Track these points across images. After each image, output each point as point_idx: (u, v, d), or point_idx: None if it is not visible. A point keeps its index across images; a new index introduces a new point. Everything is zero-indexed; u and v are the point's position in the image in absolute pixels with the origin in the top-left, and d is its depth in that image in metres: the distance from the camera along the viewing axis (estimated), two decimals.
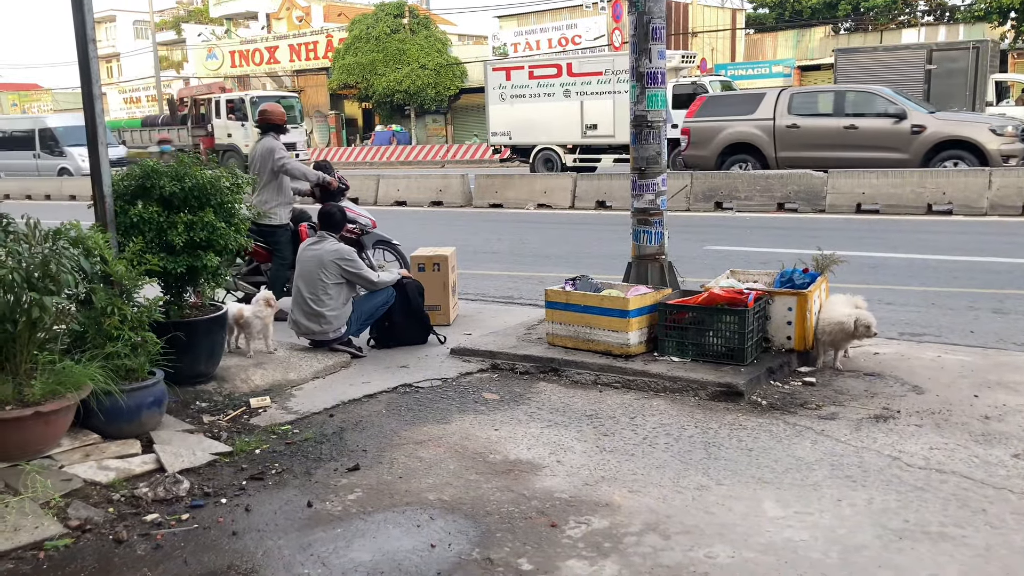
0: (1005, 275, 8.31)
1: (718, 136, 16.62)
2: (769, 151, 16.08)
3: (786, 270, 5.72)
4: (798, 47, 37.56)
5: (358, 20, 41.97)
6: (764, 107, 16.30)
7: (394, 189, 18.68)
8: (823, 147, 15.50)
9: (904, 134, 14.72)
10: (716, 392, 4.82)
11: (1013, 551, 3.01)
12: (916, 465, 3.77)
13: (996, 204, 12.56)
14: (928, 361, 5.38)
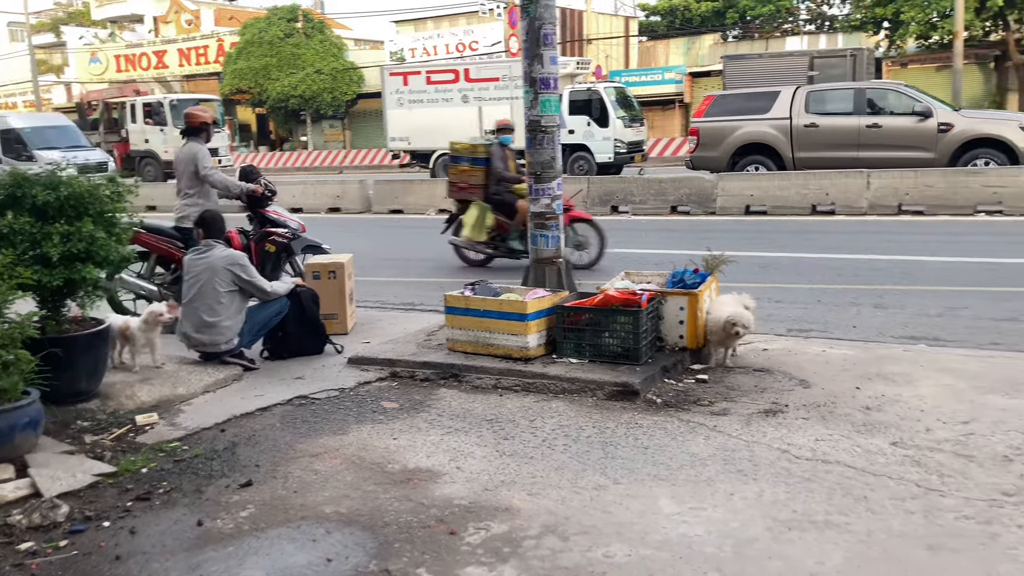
0: (884, 272, 8.72)
1: (730, 136, 15.89)
2: (786, 151, 15.51)
3: (678, 271, 5.85)
4: (689, 54, 38.60)
5: (250, 24, 40.99)
6: (780, 105, 15.64)
7: (289, 196, 18.27)
8: (845, 147, 14.96)
9: (930, 132, 14.28)
10: (613, 392, 4.89)
11: (892, 535, 3.14)
12: (803, 457, 3.91)
13: (875, 204, 13.21)
14: (814, 356, 5.59)
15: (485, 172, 9.54)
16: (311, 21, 40.33)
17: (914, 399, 4.63)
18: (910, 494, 3.47)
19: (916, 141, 14.37)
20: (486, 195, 9.57)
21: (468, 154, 9.72)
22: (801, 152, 15.37)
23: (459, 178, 9.76)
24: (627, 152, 21.23)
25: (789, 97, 15.64)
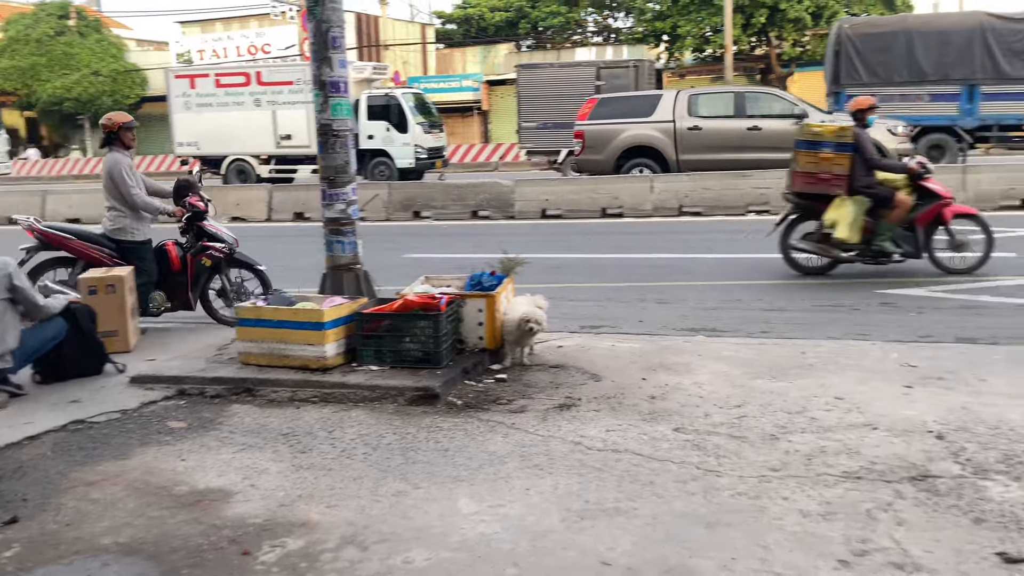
0: (667, 269, 9.29)
1: (616, 139, 16.00)
2: (671, 154, 15.77)
3: (476, 274, 5.94)
4: (485, 62, 39.40)
5: (14, 20, 37.59)
6: (663, 109, 15.93)
7: (65, 205, 16.95)
8: (727, 149, 15.33)
9: None
10: (414, 397, 4.88)
11: (675, 516, 3.34)
12: (595, 448, 4.07)
13: (659, 207, 14.04)
14: (605, 350, 5.85)
15: (851, 160, 8.01)
16: (85, 19, 37.54)
17: (694, 386, 4.95)
18: (691, 476, 3.71)
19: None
20: (851, 188, 8.07)
21: (833, 138, 8.05)
22: (685, 154, 15.67)
23: (818, 167, 8.10)
24: (428, 158, 21.34)
25: (672, 100, 16.04)
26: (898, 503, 3.35)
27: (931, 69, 16.65)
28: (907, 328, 6.37)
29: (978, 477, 3.56)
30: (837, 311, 7.06)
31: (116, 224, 6.77)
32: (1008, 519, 3.18)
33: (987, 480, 3.53)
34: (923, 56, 16.91)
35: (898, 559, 2.93)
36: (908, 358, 5.35)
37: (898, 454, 3.85)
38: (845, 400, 4.60)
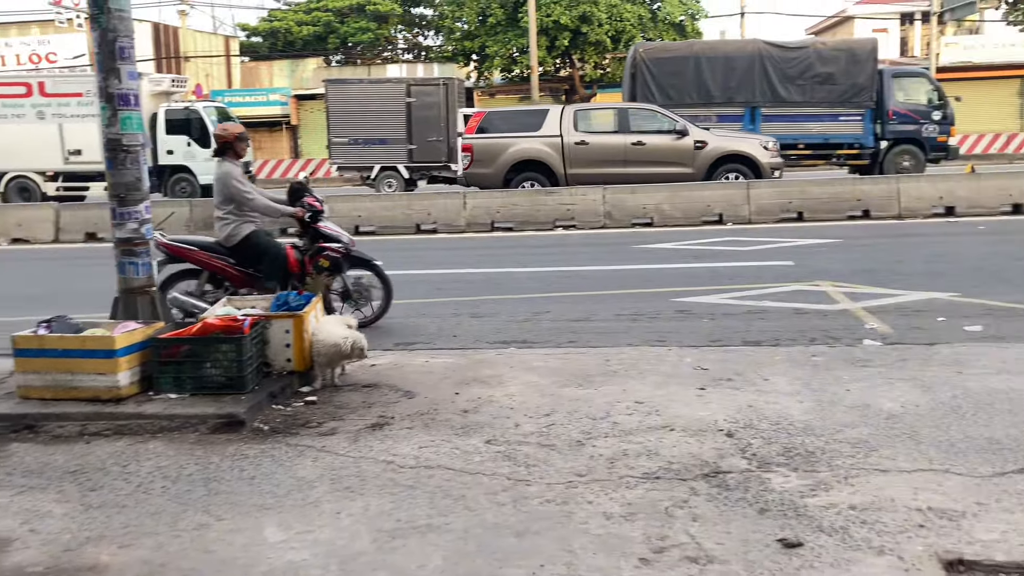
0: (479, 284, 9.43)
1: (505, 153, 16.03)
2: (559, 168, 15.94)
3: (282, 294, 5.77)
4: (294, 76, 38.50)
5: None
6: (550, 124, 16.08)
7: None
8: (612, 163, 15.67)
9: (688, 149, 15.53)
10: (217, 424, 4.66)
11: (486, 528, 3.38)
12: (408, 465, 4.05)
13: (471, 223, 14.25)
14: (418, 367, 5.84)
15: None
16: None
17: (505, 398, 5.04)
18: (502, 487, 3.76)
19: (676, 157, 15.55)
20: None
21: None
22: (573, 168, 15.92)
23: None
24: None
25: (558, 116, 16.25)
26: (693, 500, 3.56)
27: (718, 92, 17.94)
28: (700, 333, 6.79)
29: (762, 470, 3.85)
30: (638, 320, 7.42)
31: (225, 231, 6.86)
32: (787, 507, 3.45)
33: (770, 472, 3.82)
34: (710, 80, 18.21)
35: (693, 553, 3.11)
36: (701, 361, 5.70)
37: (693, 453, 4.09)
38: (645, 404, 4.84)
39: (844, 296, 7.96)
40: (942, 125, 18.77)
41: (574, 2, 31.03)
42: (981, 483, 3.60)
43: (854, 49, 18.39)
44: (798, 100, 18.00)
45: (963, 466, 3.79)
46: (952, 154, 19.36)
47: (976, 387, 4.90)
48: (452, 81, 20.76)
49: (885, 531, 3.20)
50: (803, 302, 7.76)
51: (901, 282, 8.44)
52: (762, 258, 10.48)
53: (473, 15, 32.75)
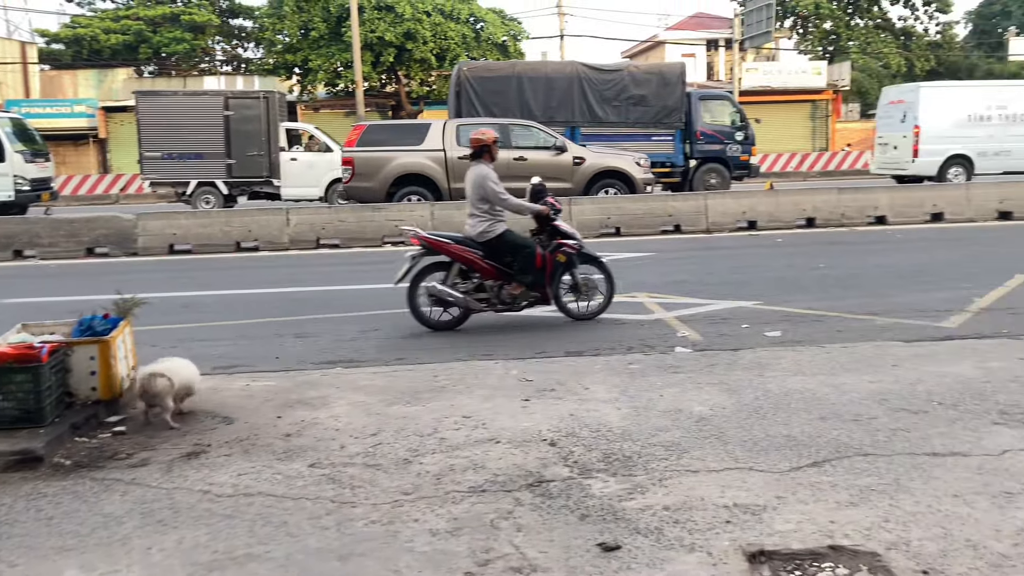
0: (305, 303, 9.20)
1: (388, 167, 15.84)
2: (443, 182, 15.92)
3: (85, 318, 5.39)
4: (101, 87, 36.22)
5: None
6: (432, 138, 16.05)
7: None
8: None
9: (568, 165, 15.96)
10: (11, 462, 4.28)
11: (308, 554, 3.29)
12: (226, 494, 3.88)
13: (295, 239, 13.90)
14: (238, 391, 5.62)
15: None
16: None
17: (330, 420, 4.94)
18: (325, 511, 3.68)
19: (557, 172, 15.70)
20: None
21: None
22: (457, 183, 15.39)
23: None
24: (32, 190, 18.96)
25: (440, 130, 16.22)
26: (518, 510, 3.62)
27: (539, 111, 18.43)
28: (526, 345, 6.93)
29: (583, 477, 3.97)
30: (466, 334, 7.49)
31: (479, 228, 7.47)
32: (607, 512, 3.58)
33: (591, 479, 3.95)
34: (532, 99, 18.69)
35: (517, 563, 3.16)
36: (526, 373, 5.83)
37: (518, 464, 4.16)
38: (472, 418, 4.88)
39: (659, 306, 8.38)
40: (744, 145, 20.16)
41: (398, 19, 31.01)
42: (780, 478, 3.87)
43: (664, 72, 19.42)
44: (615, 120, 18.79)
45: (765, 463, 4.06)
46: (754, 172, 20.84)
47: (775, 388, 5.28)
48: (273, 94, 20.20)
49: (696, 529, 3.38)
50: (621, 313, 8.09)
51: (710, 292, 8.98)
52: None
53: (295, 28, 31.99)
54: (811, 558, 3.12)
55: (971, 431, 4.41)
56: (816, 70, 37.41)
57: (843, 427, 4.53)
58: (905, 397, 5.02)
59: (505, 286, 7.55)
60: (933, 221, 15.04)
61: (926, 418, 4.64)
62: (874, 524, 3.36)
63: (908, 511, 3.47)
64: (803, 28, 43.72)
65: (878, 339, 6.67)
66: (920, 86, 21.74)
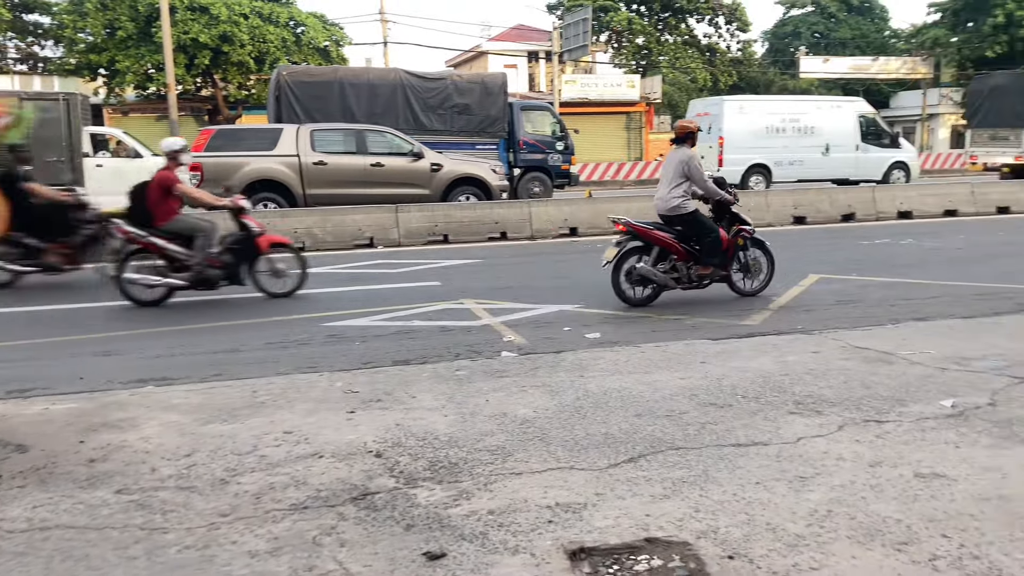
0: (110, 318, 8.62)
1: (239, 172, 15.36)
2: (298, 188, 15.73)
3: None
4: None
5: None
6: (285, 143, 15.78)
7: None
8: (353, 184, 15.78)
9: (425, 172, 16.17)
10: None
11: None
12: (18, 530, 3.57)
13: None
14: (34, 416, 5.19)
15: None
16: None
17: (140, 442, 4.65)
18: (134, 539, 3.45)
19: (414, 179, 16.07)
20: None
21: None
22: (312, 189, 15.79)
23: None
24: None
25: (293, 135, 15.94)
26: (341, 525, 3.55)
27: (363, 117, 18.23)
28: (352, 357, 6.81)
29: (409, 487, 3.95)
30: (288, 347, 7.27)
31: (673, 203, 8.35)
32: (432, 520, 3.57)
33: (416, 488, 3.93)
34: (355, 105, 18.48)
35: None
36: (352, 385, 5.73)
37: (342, 478, 4.08)
38: (294, 433, 4.74)
39: (486, 312, 8.47)
40: (565, 154, 20.82)
41: (213, 21, 29.74)
42: (599, 475, 4.01)
43: (486, 82, 19.73)
44: (440, 129, 18.89)
45: (585, 461, 4.19)
46: (574, 181, 21.56)
47: (595, 388, 5.47)
48: (75, 96, 18.79)
49: (519, 531, 3.43)
50: (449, 320, 8.13)
51: (535, 297, 9.19)
52: (412, 279, 10.81)
53: (99, 27, 29.94)
54: (628, 551, 3.25)
55: (771, 421, 4.75)
56: (630, 83, 39.20)
57: (657, 423, 4.75)
58: (712, 392, 5.33)
59: (694, 266, 8.54)
60: None
61: (731, 411, 4.95)
62: (685, 515, 3.54)
63: (716, 500, 3.68)
64: (617, 43, 45.74)
65: (689, 338, 7.04)
66: (723, 99, 23.27)
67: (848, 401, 5.08)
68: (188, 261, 9.04)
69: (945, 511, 3.52)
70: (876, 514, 3.50)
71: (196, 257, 9.03)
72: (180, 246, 9.04)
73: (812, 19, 55.50)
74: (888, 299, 8.64)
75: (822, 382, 5.50)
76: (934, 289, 9.14)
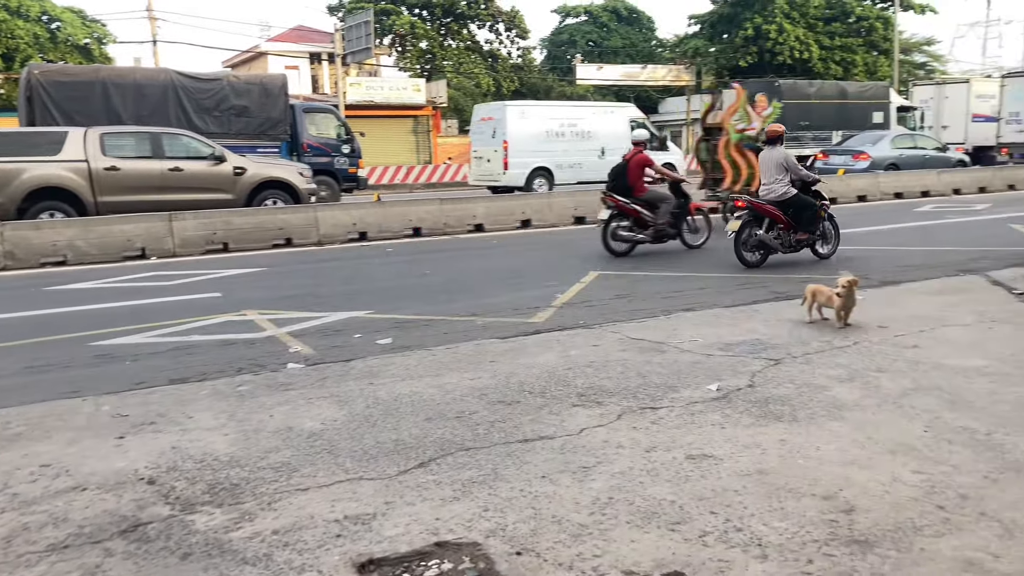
0: None
1: (18, 180, 14.03)
2: (88, 196, 14.55)
3: None
4: None
5: None
6: (71, 147, 14.49)
7: None
8: (150, 190, 14.91)
9: (228, 176, 15.47)
10: None
11: None
12: None
13: None
14: None
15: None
16: None
17: None
18: None
19: (216, 184, 15.35)
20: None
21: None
22: (105, 196, 14.70)
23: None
24: None
25: (81, 138, 14.68)
26: (107, 562, 3.26)
27: (130, 120, 17.07)
28: (122, 378, 6.31)
29: (186, 513, 3.70)
30: (49, 371, 6.63)
31: (779, 191, 10.66)
32: (212, 546, 3.37)
33: (194, 514, 3.69)
34: (121, 107, 17.27)
35: None
36: (120, 408, 5.31)
37: (109, 510, 3.76)
38: (53, 466, 4.32)
39: (270, 323, 8.15)
40: (352, 158, 20.54)
41: None
42: (389, 483, 3.95)
43: (265, 84, 19.07)
44: (216, 131, 18.02)
45: (375, 471, 4.12)
46: (362, 184, 21.32)
47: (385, 395, 5.40)
48: None
49: (306, 548, 3.31)
50: (231, 333, 7.75)
51: (323, 304, 8.95)
52: (189, 291, 10.22)
53: None
54: (418, 558, 3.22)
55: (555, 415, 4.89)
56: (416, 87, 39.34)
57: (447, 425, 4.76)
58: (501, 390, 5.43)
59: (793, 234, 10.74)
60: (523, 227, 16.57)
61: (519, 408, 5.05)
62: (475, 515, 3.56)
63: (504, 498, 3.73)
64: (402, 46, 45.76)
65: (479, 338, 7.14)
66: (506, 105, 23.86)
67: (626, 390, 5.34)
68: (652, 221, 11.90)
69: (713, 489, 3.77)
70: (652, 497, 3.69)
71: (660, 219, 11.91)
72: (648, 211, 11.93)
73: (586, 28, 58.27)
74: (662, 292, 9.20)
75: (602, 374, 5.75)
76: (703, 281, 9.83)
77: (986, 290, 8.57)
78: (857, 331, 6.82)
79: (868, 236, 13.62)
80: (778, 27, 43.18)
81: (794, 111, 26.41)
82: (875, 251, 11.95)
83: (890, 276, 9.63)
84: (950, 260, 10.73)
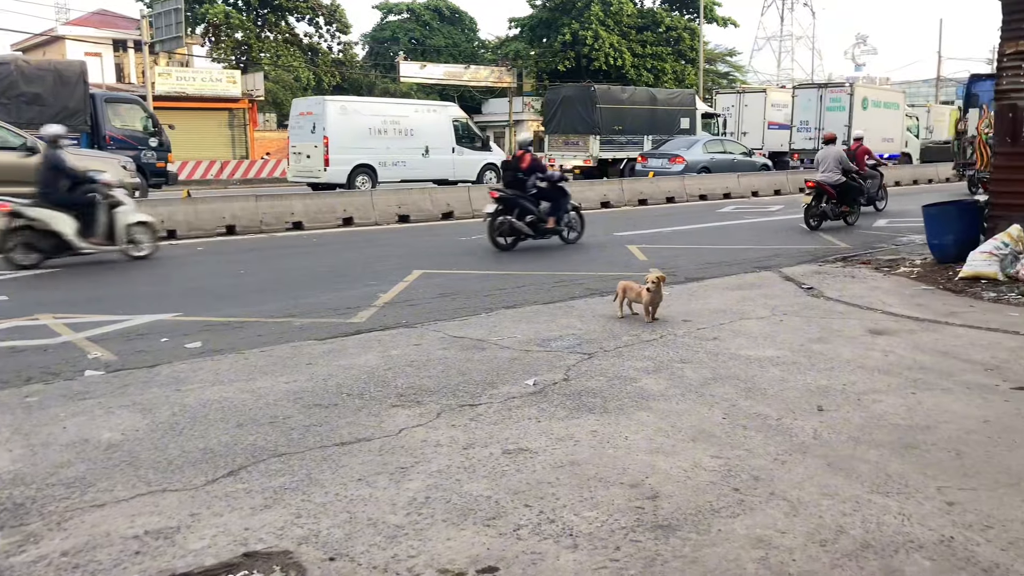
0: None
1: None
2: None
3: None
4: None
5: None
6: None
7: None
8: None
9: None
10: None
11: None
12: None
13: None
14: None
15: None
16: None
17: None
18: None
19: (26, 176, 13.05)
20: None
21: None
22: None
23: None
24: None
25: None
26: None
27: None
28: None
29: None
30: None
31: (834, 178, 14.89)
32: None
33: None
34: None
35: None
36: None
37: None
38: None
39: (67, 328, 7.56)
40: (159, 151, 19.43)
41: None
42: (195, 494, 3.76)
43: (61, 71, 17.70)
44: (3, 119, 16.51)
45: (180, 481, 3.91)
46: (172, 180, 20.21)
47: (193, 402, 5.14)
48: None
49: (100, 570, 3.09)
50: (20, 339, 7.12)
51: (127, 307, 8.40)
52: None
53: None
54: (225, 571, 3.08)
55: (374, 416, 4.83)
56: (231, 79, 37.73)
57: (259, 431, 4.59)
58: (318, 393, 5.30)
59: (840, 207, 15.13)
60: (345, 225, 16.27)
61: (336, 410, 4.95)
62: (287, 523, 3.45)
63: (318, 503, 3.64)
64: (215, 36, 43.77)
65: (296, 340, 6.93)
66: (325, 100, 23.34)
67: (446, 389, 5.35)
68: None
69: (527, 482, 3.85)
70: (469, 494, 3.72)
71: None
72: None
73: (409, 25, 58.07)
74: (484, 290, 9.30)
75: (423, 372, 5.74)
76: (523, 279, 10.02)
77: (779, 285, 9.27)
78: (664, 325, 7.18)
79: (675, 235, 14.41)
80: (594, 34, 44.79)
81: (608, 116, 27.54)
82: (681, 249, 12.64)
83: (694, 273, 10.22)
84: (748, 257, 11.52)
